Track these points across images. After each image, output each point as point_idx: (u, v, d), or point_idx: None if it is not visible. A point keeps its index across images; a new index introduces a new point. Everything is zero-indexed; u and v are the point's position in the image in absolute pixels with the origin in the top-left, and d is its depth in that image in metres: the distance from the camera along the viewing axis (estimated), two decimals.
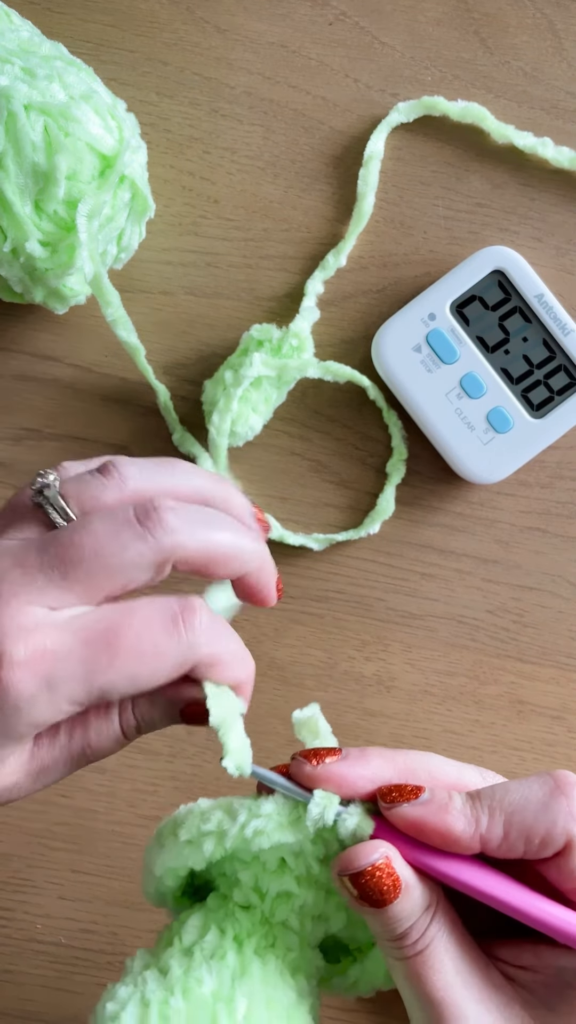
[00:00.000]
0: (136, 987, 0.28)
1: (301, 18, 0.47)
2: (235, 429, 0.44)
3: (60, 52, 0.42)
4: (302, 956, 0.30)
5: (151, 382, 0.45)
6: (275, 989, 0.29)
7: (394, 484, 0.46)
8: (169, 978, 0.28)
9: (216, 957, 0.29)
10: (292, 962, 0.30)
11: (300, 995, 0.30)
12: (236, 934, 0.30)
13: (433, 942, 0.27)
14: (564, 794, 0.26)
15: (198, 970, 0.28)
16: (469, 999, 0.27)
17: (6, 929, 0.45)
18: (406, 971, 0.27)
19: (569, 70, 0.47)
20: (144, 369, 0.44)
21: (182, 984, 0.28)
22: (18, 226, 0.39)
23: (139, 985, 0.28)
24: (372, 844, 0.27)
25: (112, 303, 0.41)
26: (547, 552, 0.47)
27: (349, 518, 0.46)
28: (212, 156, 0.47)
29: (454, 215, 0.47)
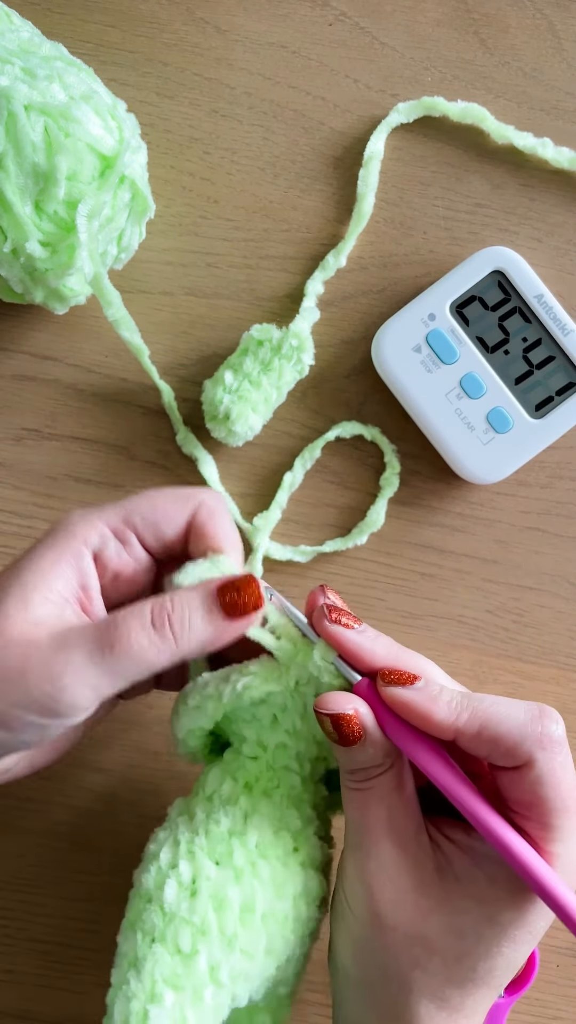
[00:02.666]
0: (170, 830, 0.36)
1: (301, 19, 0.47)
2: (235, 429, 0.44)
3: (60, 52, 0.42)
4: (305, 791, 0.37)
5: (156, 382, 0.45)
6: (281, 820, 0.35)
7: (386, 498, 0.46)
8: (195, 821, 0.35)
9: (230, 801, 0.36)
10: (296, 797, 0.36)
11: (305, 821, 0.36)
12: (247, 780, 0.36)
13: (377, 787, 0.33)
14: (541, 722, 0.31)
15: (216, 812, 0.35)
16: (388, 836, 0.32)
17: (6, 929, 0.45)
18: (351, 798, 0.33)
19: (569, 70, 0.47)
20: (148, 369, 0.44)
21: (204, 825, 0.35)
22: (18, 226, 0.39)
23: (172, 829, 0.36)
24: (346, 696, 0.32)
25: (113, 303, 0.42)
26: (547, 552, 0.47)
27: (349, 518, 0.47)
28: (212, 157, 0.47)
29: (454, 215, 0.47)
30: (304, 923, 0.35)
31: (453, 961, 0.31)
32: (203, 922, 0.33)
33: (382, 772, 0.33)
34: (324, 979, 0.45)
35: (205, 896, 0.33)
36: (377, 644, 0.33)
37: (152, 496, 0.35)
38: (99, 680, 0.31)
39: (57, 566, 0.33)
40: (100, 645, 0.31)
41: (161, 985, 0.32)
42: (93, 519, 0.34)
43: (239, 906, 0.33)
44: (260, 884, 0.34)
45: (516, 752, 0.31)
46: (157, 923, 0.33)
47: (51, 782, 0.45)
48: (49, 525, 0.36)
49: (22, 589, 0.32)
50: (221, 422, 0.44)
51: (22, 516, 0.46)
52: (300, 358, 0.44)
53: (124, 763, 0.46)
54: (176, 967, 0.33)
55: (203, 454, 0.46)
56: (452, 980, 0.31)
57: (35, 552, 0.33)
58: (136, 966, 0.33)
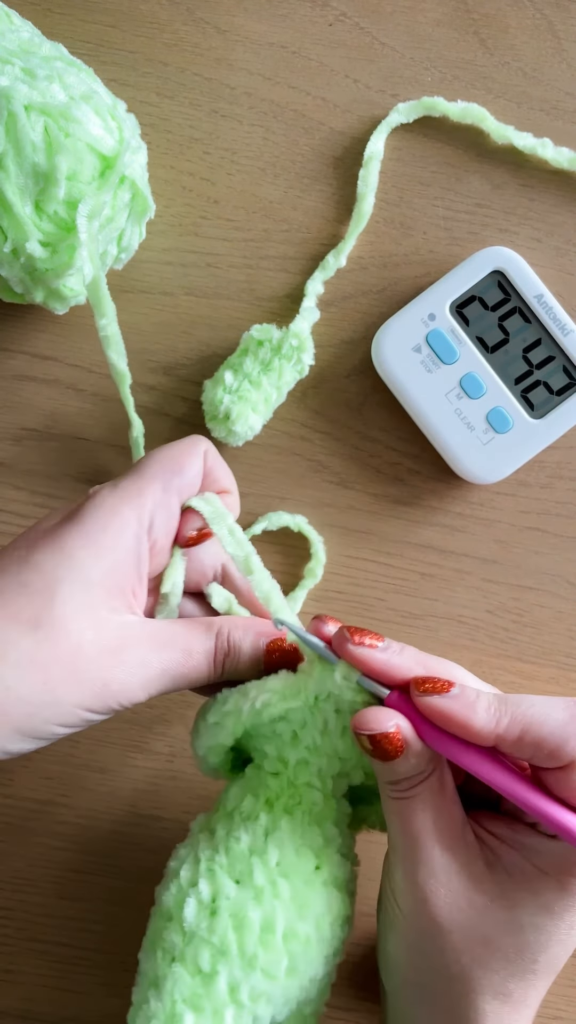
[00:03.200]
0: (191, 847, 0.35)
1: (301, 19, 0.47)
2: (235, 429, 0.44)
3: (60, 53, 0.42)
4: (327, 808, 0.36)
5: (129, 415, 0.45)
6: (303, 838, 0.35)
7: (306, 588, 0.46)
8: (215, 838, 0.35)
9: (251, 818, 0.35)
10: (318, 814, 0.36)
11: (328, 839, 0.35)
12: (268, 797, 0.36)
13: (421, 794, 0.32)
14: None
15: (237, 830, 0.35)
16: (437, 841, 0.32)
17: (6, 929, 0.45)
18: (394, 808, 0.33)
19: (569, 71, 0.47)
20: (126, 399, 0.44)
21: (224, 843, 0.35)
22: (18, 226, 0.39)
23: (193, 846, 0.35)
24: (386, 713, 0.32)
25: (107, 315, 0.41)
26: (546, 552, 0.47)
27: (349, 518, 0.47)
28: (212, 157, 0.47)
29: (454, 215, 0.47)
30: (327, 943, 0.34)
31: (515, 955, 0.32)
32: (222, 942, 0.33)
33: (424, 779, 0.33)
34: None
35: (225, 915, 0.33)
36: (404, 658, 0.33)
37: (175, 458, 0.36)
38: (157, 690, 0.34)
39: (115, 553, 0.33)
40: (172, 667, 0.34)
41: (181, 1006, 0.32)
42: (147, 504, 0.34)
43: (259, 926, 0.33)
44: (281, 904, 0.33)
45: (560, 753, 0.30)
46: (177, 942, 0.33)
47: (51, 782, 0.45)
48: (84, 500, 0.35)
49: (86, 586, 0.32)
50: (221, 422, 0.44)
51: (22, 516, 0.46)
52: (300, 358, 0.44)
53: (124, 763, 0.46)
54: (196, 987, 0.32)
55: None
56: (515, 974, 0.32)
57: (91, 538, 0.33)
58: (156, 986, 0.33)
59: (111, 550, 0.33)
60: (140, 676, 0.33)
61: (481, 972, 0.32)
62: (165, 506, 0.35)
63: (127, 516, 0.34)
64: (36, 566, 0.32)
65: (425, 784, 0.33)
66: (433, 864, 0.32)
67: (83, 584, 0.32)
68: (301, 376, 0.45)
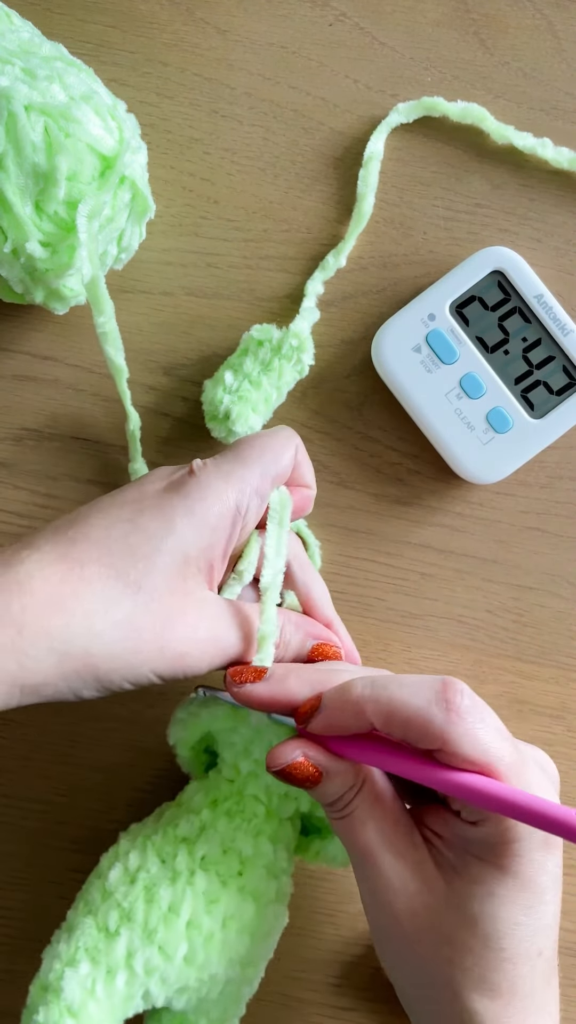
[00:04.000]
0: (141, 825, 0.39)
1: (301, 19, 0.47)
2: (235, 429, 0.44)
3: (60, 53, 0.42)
4: (267, 823, 0.38)
5: (127, 408, 0.45)
6: (234, 842, 0.37)
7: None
8: (160, 821, 0.39)
9: (194, 812, 0.38)
10: (256, 827, 0.38)
11: (258, 852, 0.38)
12: (215, 798, 0.39)
13: (357, 809, 0.33)
14: (445, 700, 0.31)
15: (179, 818, 0.38)
16: (385, 851, 0.33)
17: (6, 929, 0.45)
18: (339, 828, 0.34)
19: (569, 70, 0.47)
20: (123, 393, 0.44)
21: (164, 827, 0.38)
22: (19, 227, 0.39)
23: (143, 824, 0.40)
24: (289, 745, 0.33)
25: (105, 312, 0.40)
26: (547, 552, 0.47)
27: (349, 518, 0.47)
28: (212, 157, 0.47)
29: (454, 216, 0.47)
30: (232, 948, 0.36)
31: (481, 948, 0.31)
32: (131, 909, 0.36)
33: (356, 794, 0.33)
34: (324, 979, 0.45)
35: (140, 886, 0.36)
36: (289, 682, 0.34)
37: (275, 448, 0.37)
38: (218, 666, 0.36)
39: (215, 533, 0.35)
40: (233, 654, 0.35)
41: (82, 953, 0.35)
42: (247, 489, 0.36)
43: (167, 905, 0.36)
44: (192, 892, 0.36)
45: (429, 736, 0.31)
46: (95, 899, 0.37)
47: (51, 781, 0.45)
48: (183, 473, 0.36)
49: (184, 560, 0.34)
50: (221, 422, 0.44)
51: (22, 516, 0.46)
52: (300, 358, 0.44)
53: (124, 763, 0.46)
54: (99, 942, 0.35)
55: None
56: (489, 967, 0.31)
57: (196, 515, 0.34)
58: (69, 931, 0.36)
59: (212, 529, 0.35)
60: (210, 653, 0.35)
61: (457, 972, 0.31)
62: (260, 493, 0.36)
63: (229, 499, 0.35)
64: (144, 530, 0.34)
65: (358, 798, 0.33)
66: (387, 874, 0.33)
67: (183, 557, 0.34)
68: (301, 376, 0.45)
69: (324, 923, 0.45)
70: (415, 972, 0.32)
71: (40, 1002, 0.35)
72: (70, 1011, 0.34)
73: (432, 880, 0.32)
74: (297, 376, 0.45)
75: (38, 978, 0.36)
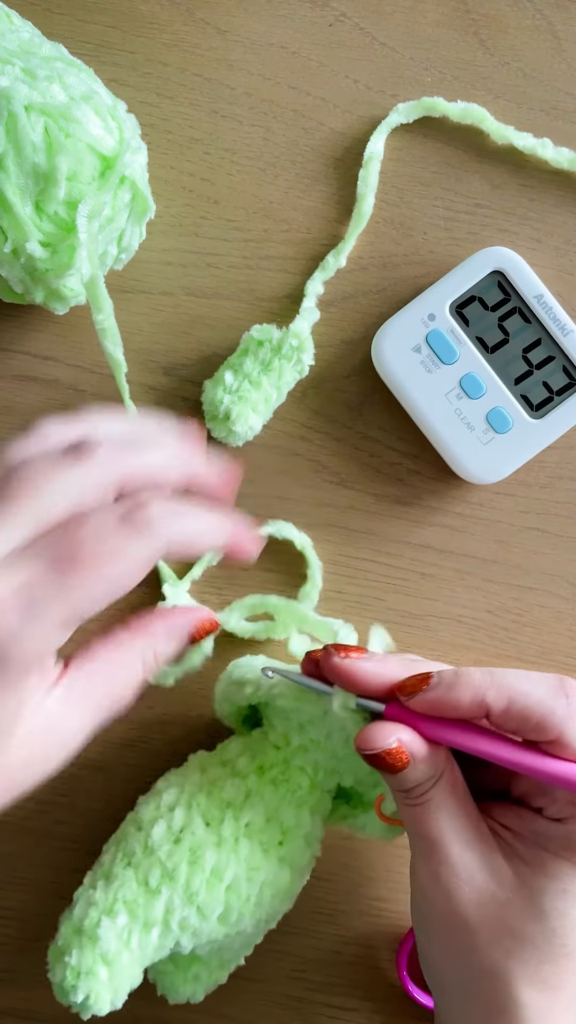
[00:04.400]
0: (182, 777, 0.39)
1: (301, 19, 0.47)
2: (235, 429, 0.44)
3: (60, 53, 0.42)
4: (310, 795, 0.39)
5: (125, 401, 0.45)
6: (277, 811, 0.38)
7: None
8: (204, 778, 0.39)
9: (240, 775, 0.38)
10: (300, 798, 0.38)
11: (299, 823, 0.38)
12: (261, 764, 0.39)
13: (434, 798, 0.33)
14: (566, 695, 0.31)
15: (224, 780, 0.38)
16: (455, 840, 0.33)
17: (6, 929, 0.45)
18: (410, 815, 0.34)
19: (569, 71, 0.47)
20: (122, 387, 0.44)
21: (209, 786, 0.38)
22: (19, 227, 0.39)
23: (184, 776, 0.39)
24: (386, 728, 0.33)
25: (104, 310, 0.41)
26: (546, 552, 0.47)
27: (349, 518, 0.47)
28: (212, 157, 0.47)
29: (454, 216, 0.47)
30: (263, 909, 0.37)
31: (543, 942, 0.32)
32: (175, 869, 0.36)
33: (434, 783, 0.33)
34: (323, 979, 0.45)
35: (185, 848, 0.36)
36: (391, 661, 0.34)
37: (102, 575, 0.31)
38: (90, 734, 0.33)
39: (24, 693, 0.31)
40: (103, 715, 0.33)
41: (120, 905, 0.36)
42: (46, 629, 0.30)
43: (210, 869, 0.36)
44: (236, 859, 0.36)
45: (546, 725, 0.31)
46: (137, 851, 0.37)
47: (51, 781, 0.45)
48: None
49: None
50: (221, 422, 0.44)
51: None
52: (300, 358, 0.44)
53: (124, 763, 0.46)
54: (138, 896, 0.36)
55: None
56: (546, 960, 0.32)
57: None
58: (107, 879, 0.37)
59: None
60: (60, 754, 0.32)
61: (514, 963, 0.32)
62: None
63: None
64: None
65: (436, 787, 0.33)
66: (454, 863, 0.33)
67: None
68: (301, 376, 0.45)
69: (324, 923, 0.45)
70: (467, 959, 0.33)
71: (73, 944, 0.35)
72: (104, 959, 0.35)
73: (500, 871, 0.33)
74: (297, 376, 0.45)
75: (70, 919, 0.36)
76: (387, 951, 0.45)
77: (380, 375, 0.45)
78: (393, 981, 0.45)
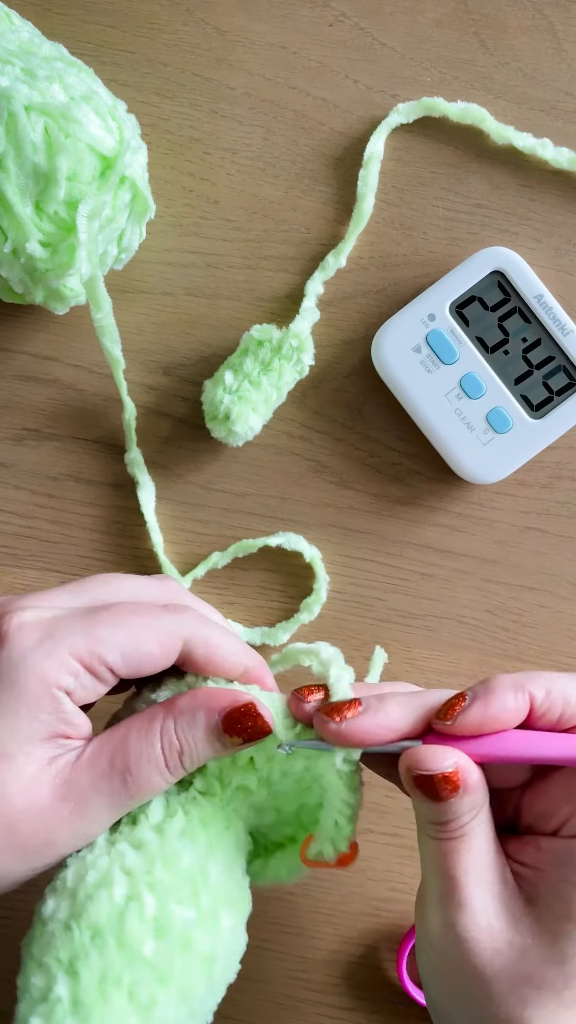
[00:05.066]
0: (112, 858, 0.30)
1: (301, 19, 0.47)
2: (235, 429, 0.44)
3: (60, 53, 0.42)
4: (245, 838, 0.34)
5: (122, 398, 0.45)
6: (232, 862, 0.32)
7: (299, 623, 0.46)
8: (146, 851, 0.30)
9: (187, 836, 0.31)
10: (240, 843, 0.34)
11: (244, 872, 0.34)
12: (201, 816, 0.32)
13: (471, 832, 0.31)
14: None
15: (175, 844, 0.31)
16: (476, 883, 0.30)
17: (7, 929, 0.45)
18: (436, 849, 0.31)
19: (569, 71, 0.47)
20: (119, 383, 0.44)
21: (161, 857, 0.30)
22: (19, 227, 0.39)
23: (115, 857, 0.30)
24: (443, 751, 0.30)
25: (103, 309, 0.41)
26: (546, 552, 0.47)
27: (349, 518, 0.47)
28: (212, 157, 0.47)
29: (454, 216, 0.47)
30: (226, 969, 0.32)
31: (562, 987, 0.30)
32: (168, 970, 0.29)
33: (477, 814, 0.31)
34: (323, 979, 0.45)
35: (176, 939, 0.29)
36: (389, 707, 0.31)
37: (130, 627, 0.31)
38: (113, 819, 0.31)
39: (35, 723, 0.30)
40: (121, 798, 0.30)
41: None
42: (61, 654, 0.30)
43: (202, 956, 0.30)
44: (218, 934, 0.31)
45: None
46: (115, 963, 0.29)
47: None
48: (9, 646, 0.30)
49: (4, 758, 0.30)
50: (221, 422, 0.44)
51: (22, 516, 0.46)
52: (300, 358, 0.44)
53: None
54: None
55: (145, 478, 0.46)
56: (563, 1004, 0.30)
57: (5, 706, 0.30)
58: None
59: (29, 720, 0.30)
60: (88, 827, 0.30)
61: (531, 1011, 0.30)
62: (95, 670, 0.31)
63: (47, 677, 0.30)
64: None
65: (477, 819, 0.31)
66: (475, 908, 0.30)
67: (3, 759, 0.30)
68: (301, 376, 0.45)
69: (324, 923, 0.45)
70: (479, 1005, 0.31)
71: None
72: None
73: (521, 918, 0.31)
74: (297, 376, 0.45)
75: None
76: (387, 951, 0.45)
77: (380, 375, 0.45)
78: (393, 981, 0.45)
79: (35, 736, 0.30)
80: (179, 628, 0.32)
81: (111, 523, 0.46)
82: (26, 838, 0.30)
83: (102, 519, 0.46)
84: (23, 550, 0.46)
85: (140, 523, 0.46)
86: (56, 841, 0.30)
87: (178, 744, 0.31)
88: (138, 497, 0.46)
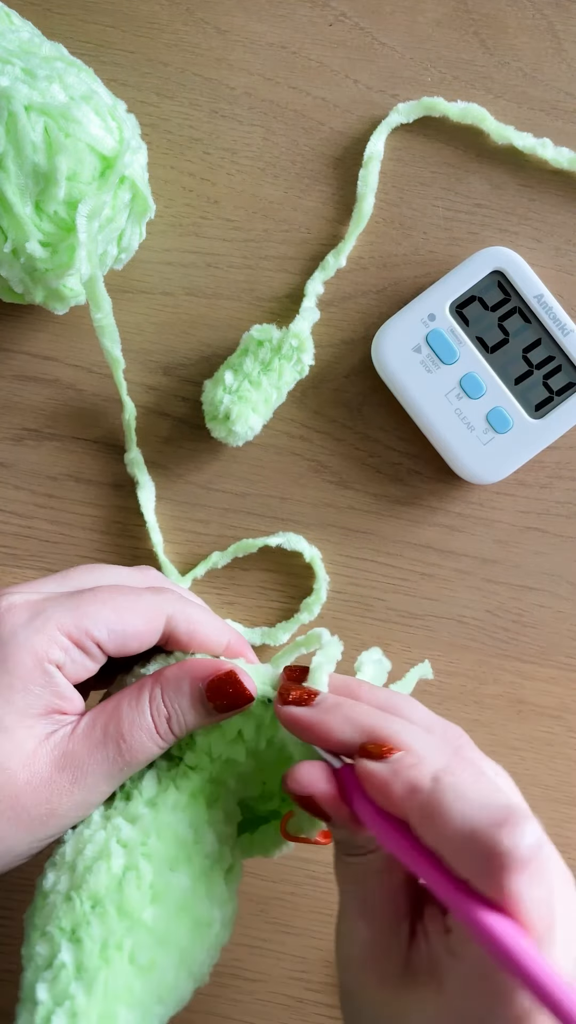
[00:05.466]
0: (108, 832, 0.32)
1: (301, 19, 0.47)
2: (235, 429, 0.44)
3: (60, 53, 0.42)
4: (234, 809, 0.35)
5: (122, 398, 0.45)
6: (223, 831, 0.33)
7: (299, 623, 0.46)
8: (141, 824, 0.32)
9: (179, 808, 0.33)
10: (230, 813, 0.34)
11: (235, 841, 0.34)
12: (192, 790, 0.33)
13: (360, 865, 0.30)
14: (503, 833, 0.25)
15: (168, 816, 0.32)
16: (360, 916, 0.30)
17: (6, 929, 0.45)
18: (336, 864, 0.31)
19: (569, 71, 0.47)
20: (119, 383, 0.44)
21: (156, 829, 0.32)
22: (19, 227, 0.39)
23: (111, 831, 0.32)
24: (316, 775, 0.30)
25: (103, 308, 0.41)
26: (547, 552, 0.47)
27: (349, 518, 0.47)
28: (212, 157, 0.47)
29: (454, 216, 0.47)
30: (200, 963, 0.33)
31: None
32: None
33: (365, 853, 0.30)
34: (323, 979, 0.45)
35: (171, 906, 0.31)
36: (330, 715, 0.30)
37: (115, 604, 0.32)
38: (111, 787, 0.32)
39: (29, 696, 0.31)
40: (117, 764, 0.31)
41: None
42: (50, 629, 0.31)
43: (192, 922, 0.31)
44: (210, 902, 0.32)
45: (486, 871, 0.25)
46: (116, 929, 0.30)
47: None
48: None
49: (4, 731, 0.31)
50: (221, 422, 0.44)
51: (22, 516, 0.46)
52: (300, 358, 0.44)
53: None
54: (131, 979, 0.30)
55: (145, 478, 0.46)
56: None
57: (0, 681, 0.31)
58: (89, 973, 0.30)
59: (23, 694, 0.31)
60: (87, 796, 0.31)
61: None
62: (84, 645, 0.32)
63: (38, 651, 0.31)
64: None
65: (368, 859, 0.30)
66: (354, 936, 0.30)
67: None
68: (301, 376, 0.45)
69: (324, 923, 0.45)
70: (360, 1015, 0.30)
71: None
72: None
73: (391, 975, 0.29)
74: (297, 376, 0.45)
75: None
76: None
77: (380, 375, 0.45)
78: None
79: (31, 710, 0.31)
80: (162, 604, 0.33)
81: (111, 523, 0.46)
82: (30, 810, 0.31)
83: (102, 519, 0.46)
84: (23, 550, 0.46)
85: (140, 523, 0.46)
86: (58, 811, 0.31)
87: (166, 711, 0.32)
88: (138, 497, 0.46)
